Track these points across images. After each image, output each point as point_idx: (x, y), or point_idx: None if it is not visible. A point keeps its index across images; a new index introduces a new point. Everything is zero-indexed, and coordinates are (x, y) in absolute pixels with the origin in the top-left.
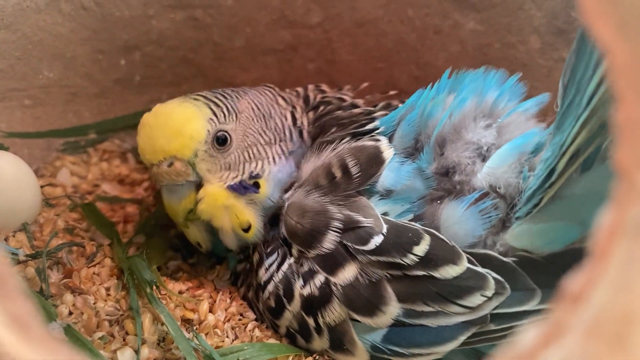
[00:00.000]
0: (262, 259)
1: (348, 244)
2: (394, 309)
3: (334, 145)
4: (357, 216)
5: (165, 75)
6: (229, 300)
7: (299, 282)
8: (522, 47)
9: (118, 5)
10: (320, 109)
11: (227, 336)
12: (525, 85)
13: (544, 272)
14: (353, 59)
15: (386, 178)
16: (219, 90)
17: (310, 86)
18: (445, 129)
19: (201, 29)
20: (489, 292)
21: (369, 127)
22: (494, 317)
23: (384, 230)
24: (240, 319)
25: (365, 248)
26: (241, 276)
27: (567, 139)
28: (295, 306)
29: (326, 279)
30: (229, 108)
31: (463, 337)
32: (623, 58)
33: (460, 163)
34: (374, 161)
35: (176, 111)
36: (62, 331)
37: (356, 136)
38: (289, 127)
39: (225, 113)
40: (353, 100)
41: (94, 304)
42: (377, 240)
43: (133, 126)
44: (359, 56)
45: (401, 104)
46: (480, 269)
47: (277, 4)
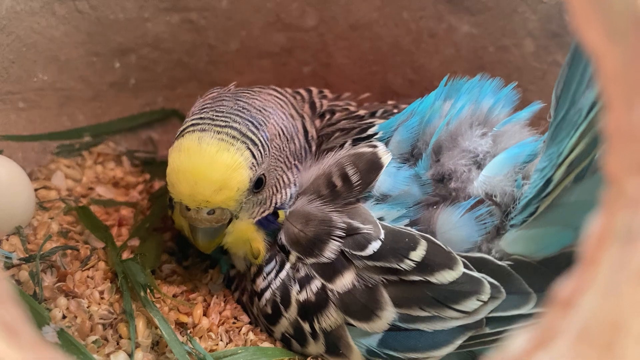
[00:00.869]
0: (261, 269)
1: (346, 249)
2: (389, 313)
3: (334, 152)
4: (357, 223)
5: (160, 78)
6: (223, 304)
7: (295, 288)
8: (517, 51)
9: (113, 8)
10: (327, 117)
11: (221, 340)
12: (519, 92)
13: (539, 276)
14: (348, 62)
15: (383, 183)
16: (246, 110)
17: (315, 90)
18: (442, 136)
19: (196, 32)
20: (485, 297)
21: (368, 133)
22: (489, 321)
23: (382, 236)
24: (234, 323)
25: (363, 254)
26: (235, 280)
27: (564, 150)
28: (292, 313)
29: (322, 284)
30: (263, 143)
31: (459, 341)
32: (612, 65)
33: (457, 170)
34: (372, 167)
35: (220, 160)
36: (56, 335)
37: (356, 142)
38: (303, 145)
39: (261, 151)
40: (358, 111)
41: (87, 307)
42: (375, 245)
43: (128, 129)
44: (354, 59)
45: (396, 110)
46: (476, 274)
47: (273, 7)
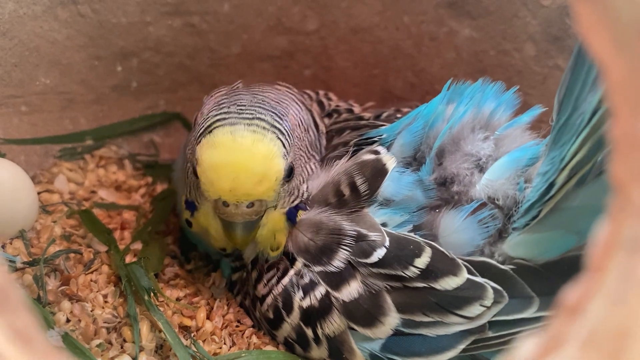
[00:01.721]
0: (261, 275)
1: (351, 257)
2: (393, 319)
3: (341, 160)
4: (364, 230)
5: (162, 81)
6: (226, 307)
7: (299, 294)
8: (517, 54)
9: (115, 12)
10: (334, 117)
11: (225, 343)
12: (520, 96)
13: (542, 280)
14: (349, 66)
15: (386, 188)
16: (266, 103)
17: (321, 92)
18: (444, 140)
19: (198, 35)
20: (488, 302)
21: (371, 135)
22: (492, 325)
23: (387, 243)
24: (237, 326)
25: (368, 261)
26: (237, 285)
27: (567, 155)
28: (295, 318)
29: (327, 291)
30: (288, 132)
31: (462, 346)
32: (619, 73)
33: (459, 174)
34: (377, 173)
35: (258, 151)
36: (60, 339)
37: (359, 145)
38: (317, 137)
39: (289, 140)
40: (361, 113)
41: (91, 311)
42: (380, 253)
43: (130, 132)
44: (354, 63)
45: (399, 114)
46: (479, 279)
47: (274, 11)
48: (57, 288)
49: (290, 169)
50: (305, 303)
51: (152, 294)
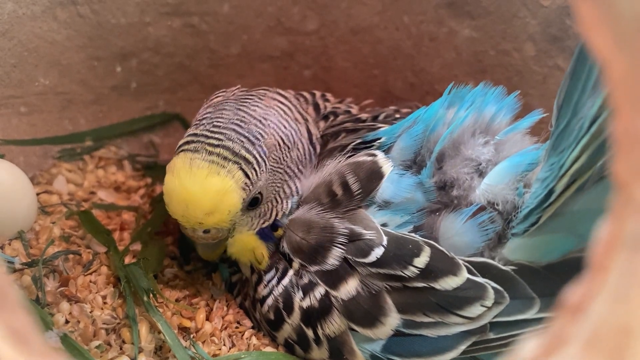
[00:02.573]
0: (261, 277)
1: (349, 256)
2: (393, 320)
3: (335, 160)
4: (359, 229)
5: (161, 82)
6: (225, 308)
7: (299, 295)
8: (517, 54)
9: (114, 12)
10: (330, 119)
11: (224, 344)
12: (520, 99)
13: (543, 281)
14: (349, 66)
15: (385, 190)
16: (244, 123)
17: (318, 93)
18: (445, 144)
19: (197, 36)
20: (489, 302)
21: (370, 138)
22: (493, 326)
23: (384, 242)
24: (237, 327)
25: (366, 260)
26: (237, 286)
27: (566, 162)
28: (295, 319)
29: (326, 291)
30: (259, 159)
31: (463, 347)
32: (620, 70)
33: (459, 178)
34: (373, 176)
35: (210, 185)
36: (59, 340)
37: (357, 148)
38: (308, 149)
39: (256, 169)
40: (359, 114)
41: (90, 312)
42: (378, 252)
43: (129, 133)
44: (354, 63)
45: (398, 115)
46: (480, 279)
47: (274, 11)
48: (56, 289)
49: (255, 199)
50: (305, 303)
51: (152, 295)
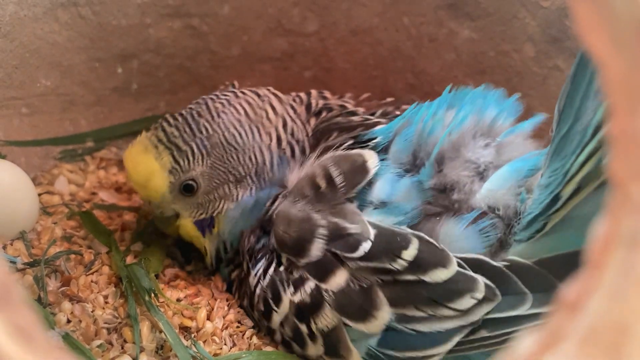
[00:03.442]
0: (249, 268)
1: (337, 252)
2: (385, 314)
3: (318, 154)
4: (344, 222)
5: (162, 83)
6: (226, 308)
7: (290, 289)
8: (517, 55)
9: (115, 14)
10: (323, 115)
11: (225, 344)
12: (523, 102)
13: (535, 277)
14: (349, 67)
15: (381, 190)
16: (199, 117)
17: (314, 92)
18: (444, 146)
19: (198, 37)
20: (479, 294)
21: (366, 138)
22: (486, 323)
23: (372, 236)
24: (238, 327)
25: (355, 255)
26: (235, 284)
27: (572, 168)
28: (284, 309)
29: (317, 285)
30: (195, 151)
31: (457, 338)
32: (617, 71)
33: (459, 182)
34: (358, 170)
35: (140, 163)
36: (61, 339)
37: (352, 148)
38: (271, 159)
39: (189, 159)
40: (354, 108)
41: (92, 312)
42: (366, 246)
43: (130, 134)
44: (354, 64)
45: (398, 112)
46: (470, 273)
47: (274, 13)
48: (58, 289)
49: (189, 186)
50: (297, 298)
51: (153, 295)
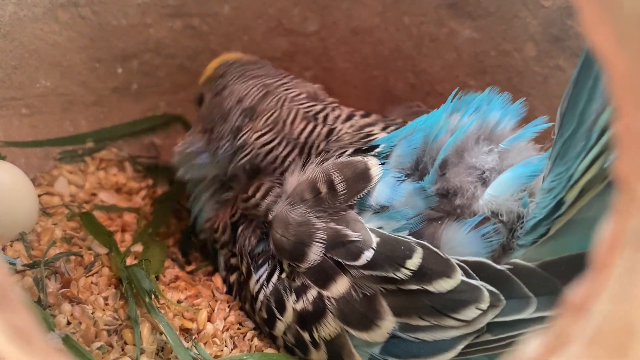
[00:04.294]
0: (250, 271)
1: (340, 260)
2: (389, 323)
3: (320, 159)
4: (345, 230)
5: (162, 83)
6: (227, 309)
7: (292, 297)
8: (518, 55)
9: (115, 14)
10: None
11: (226, 345)
12: (526, 104)
13: (539, 280)
14: (349, 67)
15: (381, 194)
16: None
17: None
18: (449, 151)
19: (198, 37)
20: (484, 305)
21: (368, 146)
22: (490, 327)
23: (374, 245)
24: (239, 328)
25: (357, 263)
26: (235, 287)
27: (576, 172)
28: (288, 318)
29: (319, 293)
30: (222, 87)
31: (461, 346)
32: (622, 68)
33: (462, 187)
34: (360, 177)
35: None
36: (61, 341)
37: (354, 155)
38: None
39: (218, 81)
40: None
41: (92, 313)
42: (368, 255)
43: (130, 134)
44: (355, 64)
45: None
46: (474, 282)
47: (274, 13)
48: (58, 290)
49: (200, 97)
50: (299, 306)
51: (153, 296)
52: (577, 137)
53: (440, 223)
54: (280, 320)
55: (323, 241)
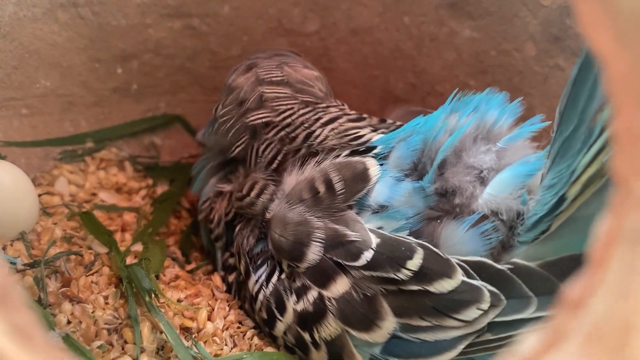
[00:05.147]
0: (249, 271)
1: (339, 260)
2: (390, 323)
3: (317, 159)
4: (344, 230)
5: (162, 83)
6: (227, 308)
7: (292, 298)
8: (518, 55)
9: (115, 14)
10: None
11: (226, 344)
12: (524, 103)
13: (539, 279)
14: (349, 67)
15: (380, 194)
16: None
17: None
18: (447, 151)
19: (198, 37)
20: (485, 305)
21: (366, 147)
22: (491, 326)
23: (374, 245)
24: (239, 327)
25: (357, 264)
26: (234, 287)
27: (577, 168)
28: (288, 318)
29: (319, 294)
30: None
31: (462, 346)
32: (621, 68)
33: (461, 187)
34: (359, 177)
35: None
36: (61, 340)
37: (352, 154)
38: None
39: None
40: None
41: (92, 312)
42: (368, 255)
43: (130, 135)
44: (355, 64)
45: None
46: (475, 282)
47: (274, 13)
48: (58, 290)
49: None
50: (300, 307)
51: (153, 295)
52: (579, 134)
53: (439, 222)
54: (280, 320)
55: (322, 241)
